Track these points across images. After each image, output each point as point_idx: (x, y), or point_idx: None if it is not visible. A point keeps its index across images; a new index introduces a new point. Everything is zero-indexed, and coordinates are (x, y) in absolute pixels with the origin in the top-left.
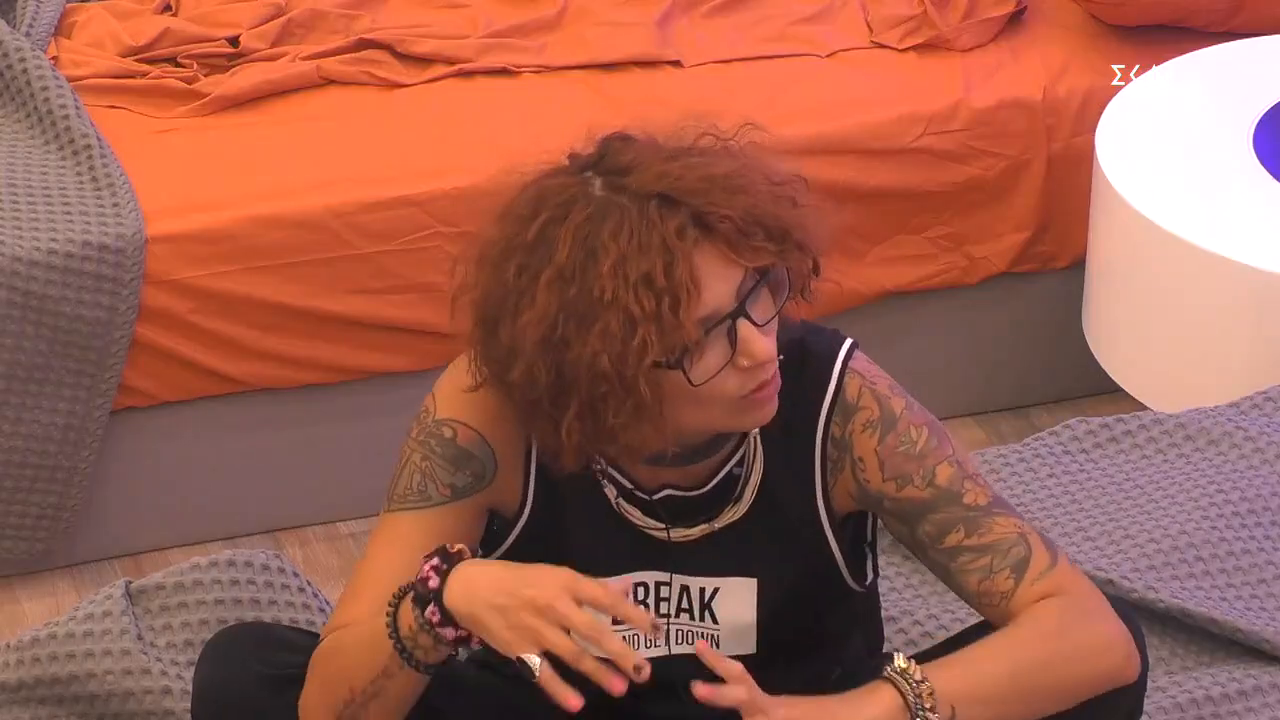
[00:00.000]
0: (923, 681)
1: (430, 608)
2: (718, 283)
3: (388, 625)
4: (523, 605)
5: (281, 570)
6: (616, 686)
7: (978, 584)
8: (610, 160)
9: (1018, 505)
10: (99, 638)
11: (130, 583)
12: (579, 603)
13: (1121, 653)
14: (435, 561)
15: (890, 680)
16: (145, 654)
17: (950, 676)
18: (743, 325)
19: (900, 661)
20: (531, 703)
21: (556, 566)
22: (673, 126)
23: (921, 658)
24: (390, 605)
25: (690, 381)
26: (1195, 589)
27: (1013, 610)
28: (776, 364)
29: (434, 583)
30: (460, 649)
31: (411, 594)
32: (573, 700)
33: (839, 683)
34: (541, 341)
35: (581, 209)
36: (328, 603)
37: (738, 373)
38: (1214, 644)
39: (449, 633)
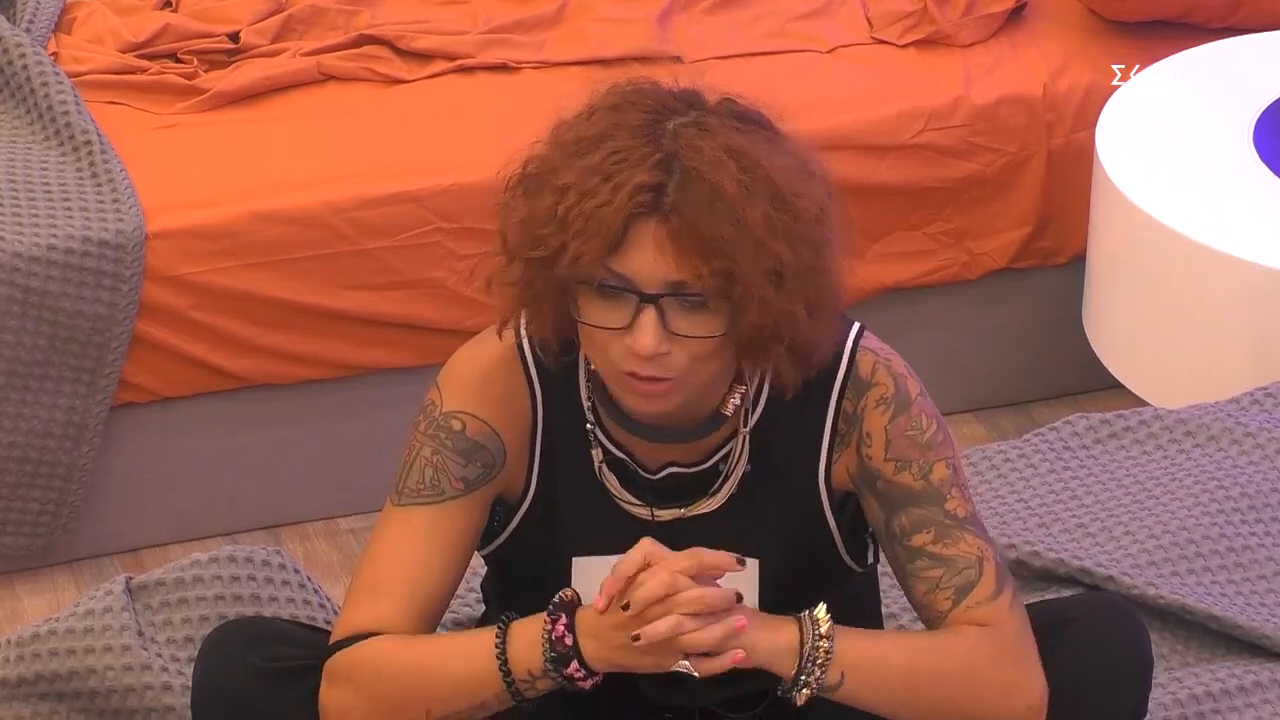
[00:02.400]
0: (826, 638)
1: (574, 664)
2: (646, 258)
3: (501, 669)
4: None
5: (282, 566)
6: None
7: (923, 594)
8: (708, 116)
9: (1017, 501)
10: (99, 634)
11: (130, 579)
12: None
13: (1024, 704)
14: (563, 618)
15: (799, 622)
16: (145, 650)
17: (853, 646)
18: (646, 312)
19: (820, 612)
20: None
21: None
22: (800, 144)
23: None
24: (498, 648)
25: (574, 312)
26: (1195, 585)
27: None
28: (664, 372)
29: (570, 640)
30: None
31: (548, 654)
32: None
33: None
34: (517, 175)
35: (635, 116)
36: (328, 599)
37: (620, 346)
38: (1214, 640)
39: (589, 683)
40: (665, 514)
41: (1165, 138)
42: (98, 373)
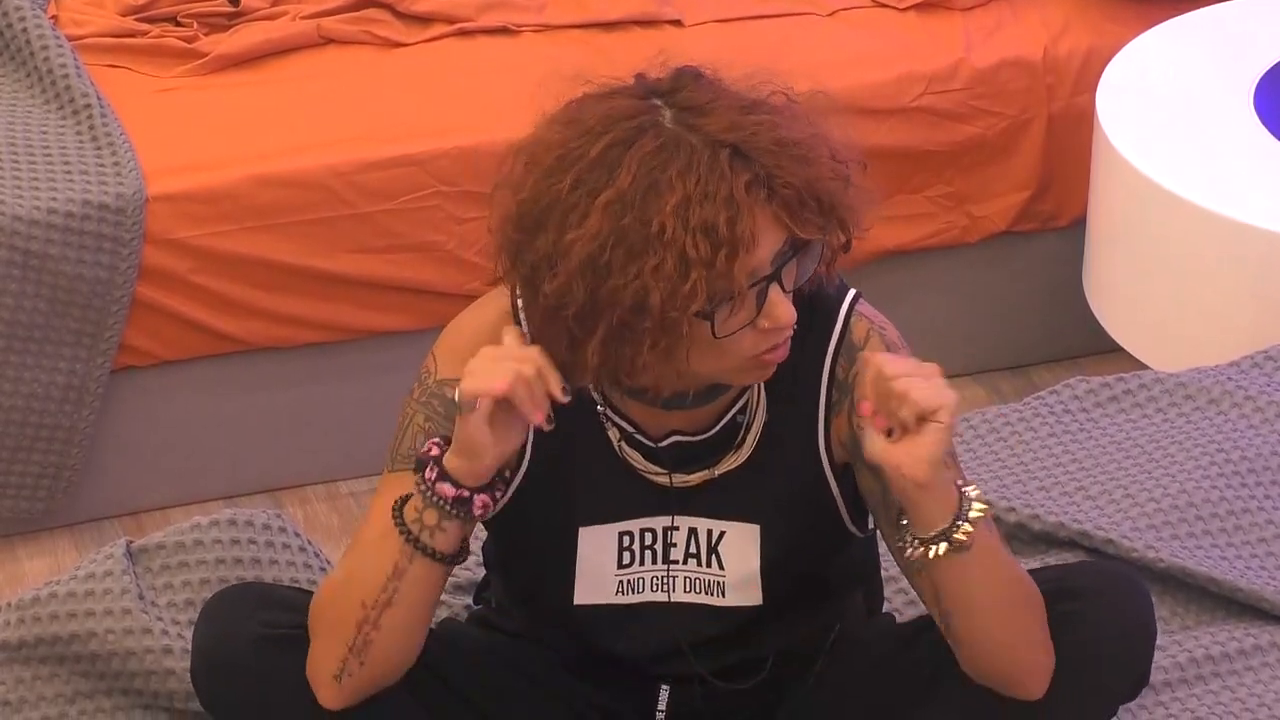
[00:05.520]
0: (975, 506)
1: (430, 467)
2: (765, 244)
3: (394, 514)
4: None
5: (282, 530)
6: (538, 418)
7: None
8: (684, 95)
9: (1017, 464)
10: (100, 597)
11: (131, 542)
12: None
13: (1049, 663)
14: (438, 439)
15: (959, 489)
16: (146, 613)
17: (988, 530)
18: (773, 289)
19: (973, 491)
20: (532, 660)
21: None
22: (744, 76)
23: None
24: (398, 499)
25: (714, 333)
26: (1195, 548)
27: None
28: (790, 330)
29: (436, 450)
30: (460, 515)
31: (413, 464)
32: (538, 417)
33: (838, 640)
34: (586, 261)
35: (651, 139)
36: (328, 562)
37: (756, 333)
38: (1214, 603)
39: (447, 488)
40: (694, 478)
41: (1166, 101)
42: (98, 336)
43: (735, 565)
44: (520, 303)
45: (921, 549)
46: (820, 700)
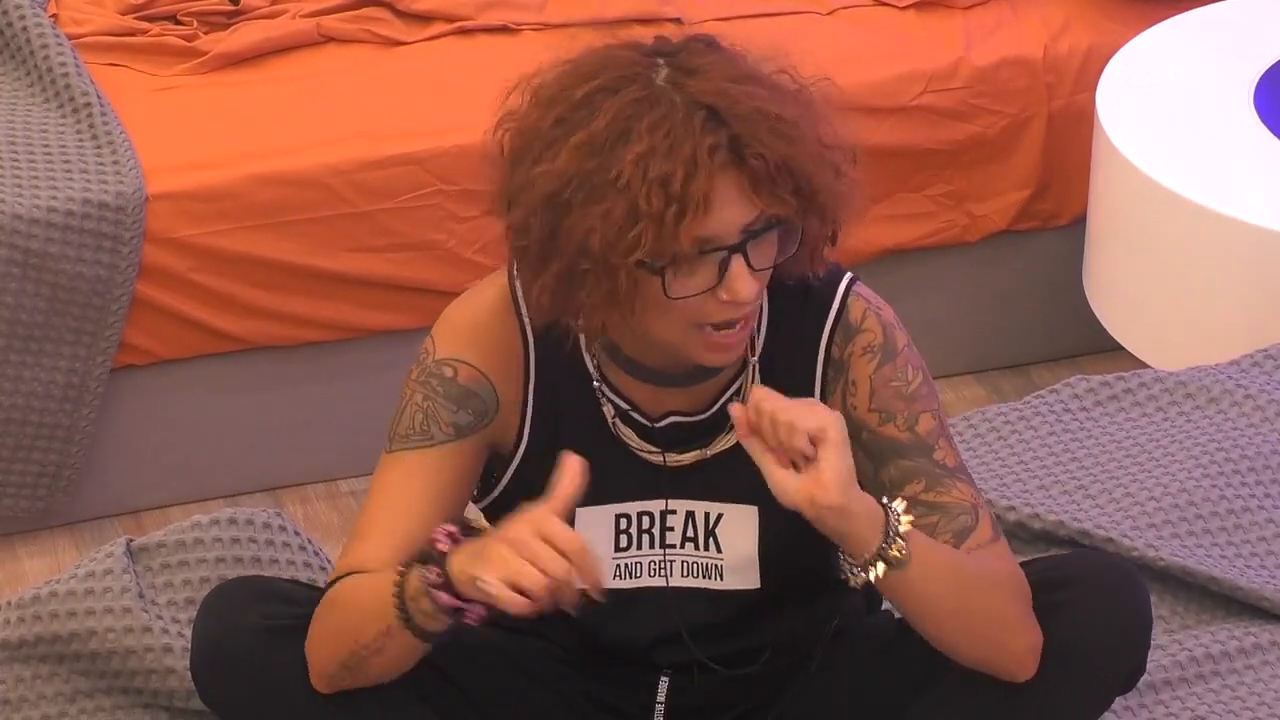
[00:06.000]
0: (902, 516)
1: (431, 567)
2: (729, 211)
3: (394, 584)
4: (494, 541)
5: (282, 528)
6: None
7: None
8: (684, 57)
9: (1017, 463)
10: (100, 596)
11: (131, 541)
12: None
13: (1032, 641)
14: (452, 529)
15: (882, 506)
16: (146, 612)
17: (917, 532)
18: (736, 261)
19: (896, 503)
20: (530, 655)
21: (534, 507)
22: (759, 52)
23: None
24: (402, 567)
25: (666, 293)
26: (1195, 547)
27: None
28: (754, 313)
29: (443, 546)
30: (454, 620)
31: (420, 555)
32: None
33: (837, 634)
34: (548, 197)
35: (636, 90)
36: (329, 560)
37: (714, 303)
38: (1214, 602)
39: (444, 597)
40: (687, 458)
41: (1166, 100)
42: (98, 335)
43: (733, 548)
44: (517, 273)
45: (861, 574)
46: (818, 692)
